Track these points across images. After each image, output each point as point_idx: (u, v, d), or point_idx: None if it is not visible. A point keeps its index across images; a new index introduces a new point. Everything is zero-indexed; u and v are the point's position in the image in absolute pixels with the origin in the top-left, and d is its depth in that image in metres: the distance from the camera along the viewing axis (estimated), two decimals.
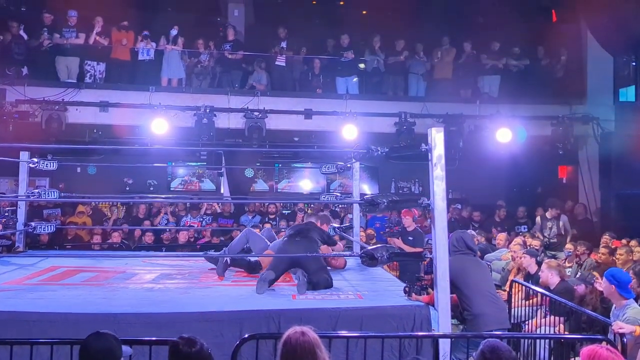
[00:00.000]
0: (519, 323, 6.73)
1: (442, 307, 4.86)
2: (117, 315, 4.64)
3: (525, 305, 6.85)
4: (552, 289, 6.61)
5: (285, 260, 6.03)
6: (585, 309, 5.97)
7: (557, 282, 6.70)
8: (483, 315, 5.20)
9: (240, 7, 14.25)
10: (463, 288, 5.28)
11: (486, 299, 5.31)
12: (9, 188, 13.74)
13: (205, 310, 4.86)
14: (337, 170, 8.35)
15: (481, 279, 5.45)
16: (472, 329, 5.16)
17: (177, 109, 11.90)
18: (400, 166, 14.15)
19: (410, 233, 8.80)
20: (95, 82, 12.09)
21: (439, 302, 4.86)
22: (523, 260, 7.84)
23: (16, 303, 4.96)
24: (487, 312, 5.22)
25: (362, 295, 5.61)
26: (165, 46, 12.44)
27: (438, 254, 4.93)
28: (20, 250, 8.20)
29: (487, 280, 5.65)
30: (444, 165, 4.99)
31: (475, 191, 14.08)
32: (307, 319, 4.72)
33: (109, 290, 5.77)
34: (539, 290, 6.61)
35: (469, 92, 13.30)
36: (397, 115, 12.28)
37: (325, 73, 13.19)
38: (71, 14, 12.09)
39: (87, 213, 11.96)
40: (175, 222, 12.34)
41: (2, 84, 11.50)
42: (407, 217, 8.90)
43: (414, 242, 8.59)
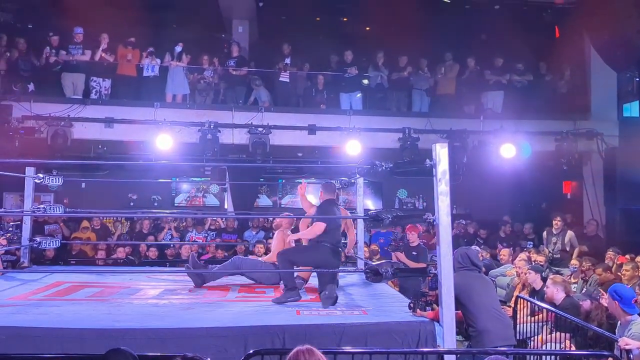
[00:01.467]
0: (525, 339, 6.68)
1: (447, 323, 4.84)
2: (122, 331, 4.65)
3: (530, 321, 6.82)
4: (558, 304, 6.58)
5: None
6: (591, 325, 5.94)
7: (563, 298, 6.68)
8: (488, 331, 5.18)
9: (245, 23, 14.35)
10: (468, 304, 5.26)
11: (491, 315, 5.29)
12: (14, 204, 13.78)
13: (210, 326, 4.86)
14: (341, 186, 8.36)
15: (486, 295, 5.43)
16: (477, 345, 5.14)
17: (182, 124, 11.94)
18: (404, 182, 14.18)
19: (414, 248, 8.78)
20: (100, 98, 12.16)
21: (444, 318, 4.85)
22: (528, 276, 7.82)
23: (21, 318, 4.97)
24: (491, 328, 5.20)
25: (367, 311, 5.60)
26: (170, 62, 12.52)
27: (443, 269, 4.92)
28: (25, 265, 8.20)
29: (492, 296, 5.63)
30: (448, 181, 5.00)
31: (480, 207, 14.08)
32: (312, 335, 4.75)
33: (113, 306, 5.77)
34: (544, 306, 6.58)
35: (472, 107, 13.34)
36: (401, 130, 12.30)
37: (329, 89, 13.26)
38: (77, 31, 12.19)
39: (91, 228, 11.95)
40: (179, 237, 12.35)
41: (8, 100, 11.58)
42: (412, 233, 8.88)
43: (417, 258, 8.56)
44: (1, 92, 11.56)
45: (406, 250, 8.73)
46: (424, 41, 13.36)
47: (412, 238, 8.87)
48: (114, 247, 11.29)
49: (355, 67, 12.97)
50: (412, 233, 8.87)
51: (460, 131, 12.36)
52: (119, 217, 13.13)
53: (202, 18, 14.48)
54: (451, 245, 5.01)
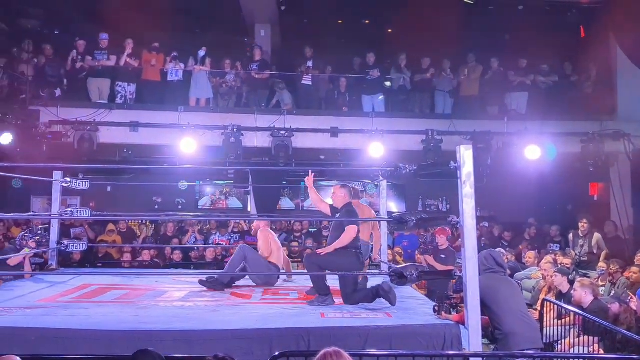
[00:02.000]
0: (552, 343, 6.61)
1: (472, 325, 4.82)
2: (149, 333, 4.69)
3: (557, 324, 6.74)
4: (586, 308, 6.50)
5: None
6: (619, 329, 5.85)
7: (591, 301, 6.59)
8: (515, 334, 5.14)
9: (267, 27, 14.42)
10: (493, 307, 5.22)
11: (517, 317, 5.24)
12: (42, 207, 14.02)
13: (236, 328, 4.89)
14: (364, 188, 8.36)
15: (512, 297, 5.38)
16: (503, 349, 5.10)
17: (205, 128, 12.02)
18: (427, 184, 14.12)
19: (442, 251, 8.78)
20: (125, 103, 12.30)
21: (470, 321, 4.82)
22: (554, 279, 7.73)
23: (51, 320, 5.05)
24: (518, 331, 5.16)
25: (391, 314, 5.59)
26: (194, 67, 12.63)
27: (468, 272, 4.90)
28: (54, 268, 8.33)
29: (518, 299, 5.58)
30: (473, 183, 4.98)
31: (504, 209, 13.96)
32: (337, 337, 4.76)
33: (140, 308, 5.84)
34: (571, 309, 6.50)
35: (496, 109, 13.24)
36: (424, 132, 12.24)
37: (352, 91, 13.25)
38: (102, 37, 12.35)
39: (117, 231, 12.10)
40: (203, 240, 12.45)
41: (36, 105, 11.78)
42: (441, 236, 8.89)
43: (446, 261, 8.56)
44: (29, 98, 11.74)
45: (435, 254, 8.73)
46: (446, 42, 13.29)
47: (441, 241, 8.90)
48: (139, 250, 11.41)
49: (378, 69, 12.96)
50: (441, 236, 8.89)
51: (484, 133, 12.27)
52: (144, 220, 13.27)
53: (225, 22, 14.61)
54: (476, 248, 4.99)
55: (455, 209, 5.16)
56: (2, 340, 4.57)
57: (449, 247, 8.92)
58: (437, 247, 8.95)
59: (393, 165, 5.87)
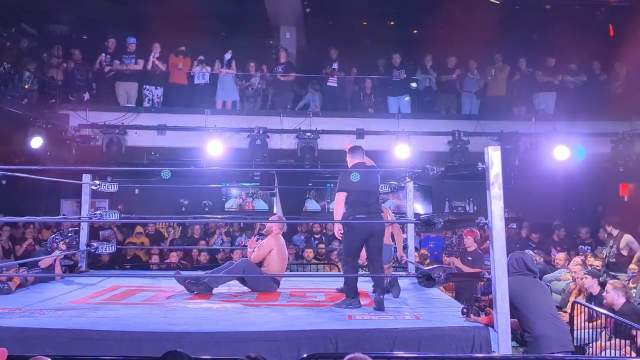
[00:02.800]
0: (582, 345, 6.52)
1: (501, 328, 4.78)
2: (178, 334, 4.73)
3: (588, 327, 6.64)
4: (617, 310, 6.40)
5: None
6: None
7: (623, 303, 6.49)
8: (545, 337, 5.07)
9: (292, 29, 14.46)
10: (523, 309, 5.17)
11: (547, 320, 5.17)
12: (71, 209, 14.24)
13: (264, 330, 4.91)
14: (390, 190, 8.33)
15: (542, 300, 5.32)
16: (533, 351, 5.04)
17: (232, 130, 12.09)
18: (454, 185, 14.03)
19: (470, 253, 8.68)
20: (153, 106, 12.44)
21: (499, 323, 4.78)
22: (584, 281, 7.62)
23: (82, 321, 5.12)
24: (548, 334, 5.09)
25: (419, 316, 5.56)
26: (220, 70, 12.72)
27: (496, 274, 4.85)
28: (83, 270, 8.45)
29: (548, 302, 5.51)
30: (501, 184, 4.93)
31: (532, 210, 13.79)
32: (365, 339, 4.75)
33: (168, 310, 5.89)
34: (602, 312, 6.40)
35: (523, 109, 13.10)
36: (451, 133, 12.17)
37: (377, 93, 13.24)
38: (130, 41, 12.51)
39: (145, 233, 12.23)
40: (230, 242, 12.51)
41: (65, 109, 11.98)
42: (468, 237, 8.77)
43: (473, 263, 8.45)
44: (58, 102, 11.95)
45: (462, 256, 8.63)
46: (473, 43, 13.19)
47: (468, 243, 8.78)
48: (166, 251, 11.51)
49: (403, 70, 12.93)
50: (468, 238, 8.77)
51: (511, 133, 12.15)
52: (171, 222, 13.39)
53: (250, 25, 14.68)
54: (505, 250, 4.94)
55: (483, 210, 5.11)
56: (35, 341, 4.65)
57: (476, 250, 8.81)
58: (464, 249, 8.87)
59: (420, 167, 5.84)
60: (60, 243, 8.09)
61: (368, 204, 6.06)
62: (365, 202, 6.03)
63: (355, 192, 6.02)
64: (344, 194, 6.03)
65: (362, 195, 6.04)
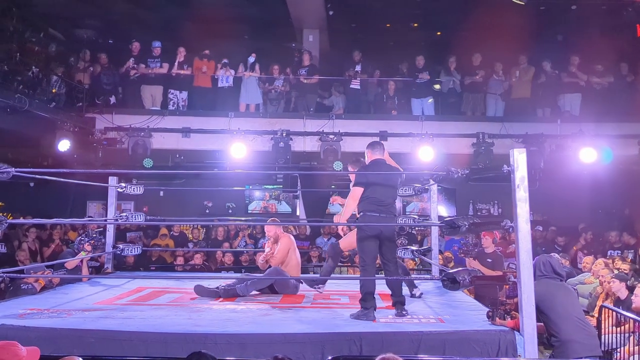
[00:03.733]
0: (610, 350, 6.42)
1: (527, 332, 4.73)
2: (203, 335, 4.77)
3: (616, 331, 6.54)
4: None
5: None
6: None
7: None
8: (572, 342, 5.02)
9: (315, 32, 14.49)
10: (550, 313, 5.11)
11: (575, 325, 5.11)
12: (97, 212, 14.43)
13: (288, 332, 4.92)
14: (414, 192, 8.28)
15: (569, 304, 5.26)
16: (560, 356, 4.98)
17: (255, 133, 12.17)
18: (478, 187, 13.93)
19: (489, 255, 8.53)
20: (177, 109, 12.55)
21: (525, 327, 4.73)
22: (612, 285, 7.50)
23: (109, 322, 5.18)
24: (576, 338, 5.03)
25: (444, 319, 5.53)
26: (244, 73, 12.80)
27: (522, 277, 4.80)
28: (109, 271, 8.54)
29: (575, 306, 5.45)
30: (527, 187, 4.89)
31: (557, 213, 13.64)
32: (389, 342, 4.74)
33: (193, 311, 5.94)
34: (631, 316, 6.29)
35: (548, 110, 12.97)
36: (475, 135, 12.11)
37: (400, 95, 13.19)
38: (155, 45, 12.65)
39: (169, 235, 12.35)
40: (253, 244, 12.57)
41: (92, 112, 12.16)
42: (486, 238, 8.60)
43: (493, 265, 8.30)
44: (85, 106, 12.12)
45: (480, 257, 8.50)
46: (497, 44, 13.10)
47: (486, 244, 8.59)
48: (191, 253, 11.60)
49: (427, 72, 12.88)
50: (486, 238, 8.59)
51: (536, 135, 12.04)
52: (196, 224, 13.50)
53: (274, 29, 14.74)
54: (531, 253, 4.89)
55: (507, 213, 5.08)
56: (63, 342, 4.71)
57: (495, 251, 8.64)
58: (482, 250, 8.68)
59: (444, 169, 5.78)
60: (85, 244, 8.20)
61: (383, 203, 5.80)
62: (381, 200, 5.79)
63: (371, 189, 5.78)
64: (360, 189, 5.78)
65: (378, 193, 5.79)
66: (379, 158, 6.07)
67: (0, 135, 10.68)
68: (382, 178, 5.86)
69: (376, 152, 6.09)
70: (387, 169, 6.04)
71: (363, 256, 5.84)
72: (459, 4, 13.05)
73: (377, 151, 6.10)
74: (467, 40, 12.87)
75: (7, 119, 10.04)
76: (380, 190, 5.82)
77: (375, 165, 6.00)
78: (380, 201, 5.79)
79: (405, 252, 8.37)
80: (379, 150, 6.11)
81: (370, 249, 5.79)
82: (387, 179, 5.91)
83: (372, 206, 5.77)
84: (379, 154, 6.08)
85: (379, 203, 5.78)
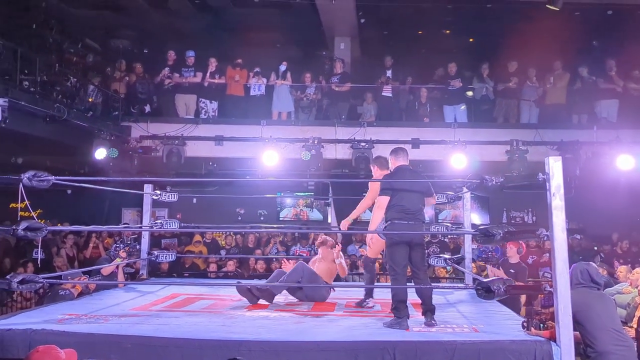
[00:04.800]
0: None
1: (564, 343, 4.65)
2: (238, 342, 4.79)
3: None
4: None
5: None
6: None
7: None
8: (609, 353, 4.91)
9: (346, 40, 14.54)
10: (586, 324, 5.02)
11: (612, 336, 5.01)
12: (132, 219, 14.64)
13: (321, 340, 4.93)
14: (447, 200, 8.22)
15: (606, 314, 5.15)
16: None
17: (287, 141, 12.23)
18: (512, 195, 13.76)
19: (512, 265, 8.21)
20: (211, 118, 12.70)
21: (562, 338, 4.66)
22: None
23: (144, 328, 5.24)
24: (613, 350, 4.92)
25: (478, 329, 5.47)
26: (275, 81, 12.89)
27: (559, 287, 4.73)
28: (144, 277, 8.66)
29: (613, 316, 5.33)
30: (563, 195, 4.83)
31: (594, 221, 13.40)
32: (423, 352, 4.71)
33: (227, 318, 5.98)
34: None
35: (584, 117, 12.77)
36: (509, 143, 11.98)
37: (433, 102, 13.14)
38: (189, 55, 12.83)
39: (203, 242, 12.48)
40: (284, 251, 12.61)
41: (127, 121, 12.38)
42: (511, 247, 8.35)
43: (516, 276, 7.96)
44: (121, 114, 12.36)
45: (504, 266, 8.31)
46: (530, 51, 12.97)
47: (511, 253, 8.32)
48: (224, 260, 11.69)
49: (459, 79, 12.81)
50: (511, 247, 8.34)
51: (572, 142, 11.87)
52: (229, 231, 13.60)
53: (305, 37, 14.85)
54: (567, 262, 4.82)
55: (542, 221, 5.03)
56: (100, 347, 4.80)
57: (520, 262, 8.32)
58: (506, 260, 8.45)
59: (478, 177, 5.73)
60: (121, 251, 8.34)
61: (410, 210, 5.73)
62: (407, 207, 5.73)
63: (397, 197, 5.74)
64: (386, 198, 5.75)
65: (405, 200, 5.74)
66: (403, 164, 6.03)
67: (39, 144, 10.94)
68: (407, 185, 5.82)
69: (400, 159, 6.05)
70: (411, 175, 6.00)
71: (393, 265, 5.78)
72: (491, 11, 12.97)
73: (401, 157, 6.06)
74: (500, 47, 12.76)
75: (46, 128, 10.29)
76: (407, 198, 5.77)
77: (400, 172, 5.96)
78: (407, 208, 5.73)
79: (438, 261, 8.31)
80: (402, 157, 6.06)
81: (399, 257, 5.74)
82: (413, 185, 5.87)
83: (399, 214, 5.73)
84: (402, 160, 6.05)
85: (406, 210, 5.72)
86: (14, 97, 8.92)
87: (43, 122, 10.09)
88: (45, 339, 4.59)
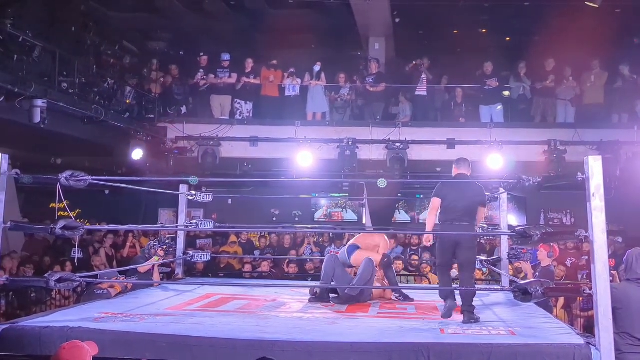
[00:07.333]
0: None
1: (604, 346, 4.53)
2: (271, 342, 4.79)
3: None
4: None
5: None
6: None
7: None
8: None
9: (381, 40, 14.46)
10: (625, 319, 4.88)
11: None
12: (168, 219, 14.81)
13: (355, 341, 4.89)
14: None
15: None
16: None
17: (321, 142, 12.24)
18: (550, 196, 13.51)
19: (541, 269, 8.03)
20: (245, 119, 12.77)
21: (601, 341, 4.54)
22: None
23: (179, 328, 5.28)
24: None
25: (515, 331, 5.37)
26: (310, 82, 12.90)
27: (599, 289, 4.61)
28: (180, 277, 8.73)
29: None
30: (603, 196, 4.70)
31: (635, 223, 13.06)
32: (458, 354, 4.64)
33: (261, 318, 5.98)
34: None
35: (625, 117, 12.47)
36: (546, 143, 11.77)
37: (468, 102, 13.01)
38: (224, 57, 12.94)
39: (238, 243, 12.54)
40: (319, 252, 12.59)
41: (163, 122, 12.54)
42: (542, 250, 8.11)
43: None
44: (157, 116, 12.51)
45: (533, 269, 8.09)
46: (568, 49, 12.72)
47: (541, 256, 8.10)
48: (258, 261, 11.73)
49: (496, 78, 12.63)
50: (541, 251, 8.10)
51: (611, 142, 11.61)
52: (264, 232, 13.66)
53: (340, 37, 14.82)
54: (607, 264, 4.69)
55: (580, 223, 4.90)
56: (136, 345, 4.84)
57: (549, 266, 7.97)
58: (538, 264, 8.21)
59: (515, 177, 5.64)
60: (158, 249, 8.41)
61: (459, 212, 6.11)
62: (457, 209, 6.12)
63: (448, 200, 6.17)
64: (438, 200, 6.24)
65: (455, 203, 6.14)
66: (461, 173, 6.48)
67: (77, 145, 11.15)
68: (456, 189, 6.24)
69: (461, 168, 6.51)
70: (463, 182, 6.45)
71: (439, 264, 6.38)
72: (529, 9, 12.74)
73: (462, 167, 6.51)
74: (537, 45, 12.57)
75: (84, 129, 10.48)
76: (458, 201, 6.15)
77: (454, 179, 6.53)
78: (457, 210, 6.12)
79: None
80: (463, 167, 6.51)
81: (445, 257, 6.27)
82: (462, 189, 6.25)
83: (449, 215, 6.16)
84: (463, 169, 6.50)
85: (456, 212, 6.12)
86: (53, 98, 9.11)
87: (81, 123, 10.28)
88: (82, 336, 4.62)
